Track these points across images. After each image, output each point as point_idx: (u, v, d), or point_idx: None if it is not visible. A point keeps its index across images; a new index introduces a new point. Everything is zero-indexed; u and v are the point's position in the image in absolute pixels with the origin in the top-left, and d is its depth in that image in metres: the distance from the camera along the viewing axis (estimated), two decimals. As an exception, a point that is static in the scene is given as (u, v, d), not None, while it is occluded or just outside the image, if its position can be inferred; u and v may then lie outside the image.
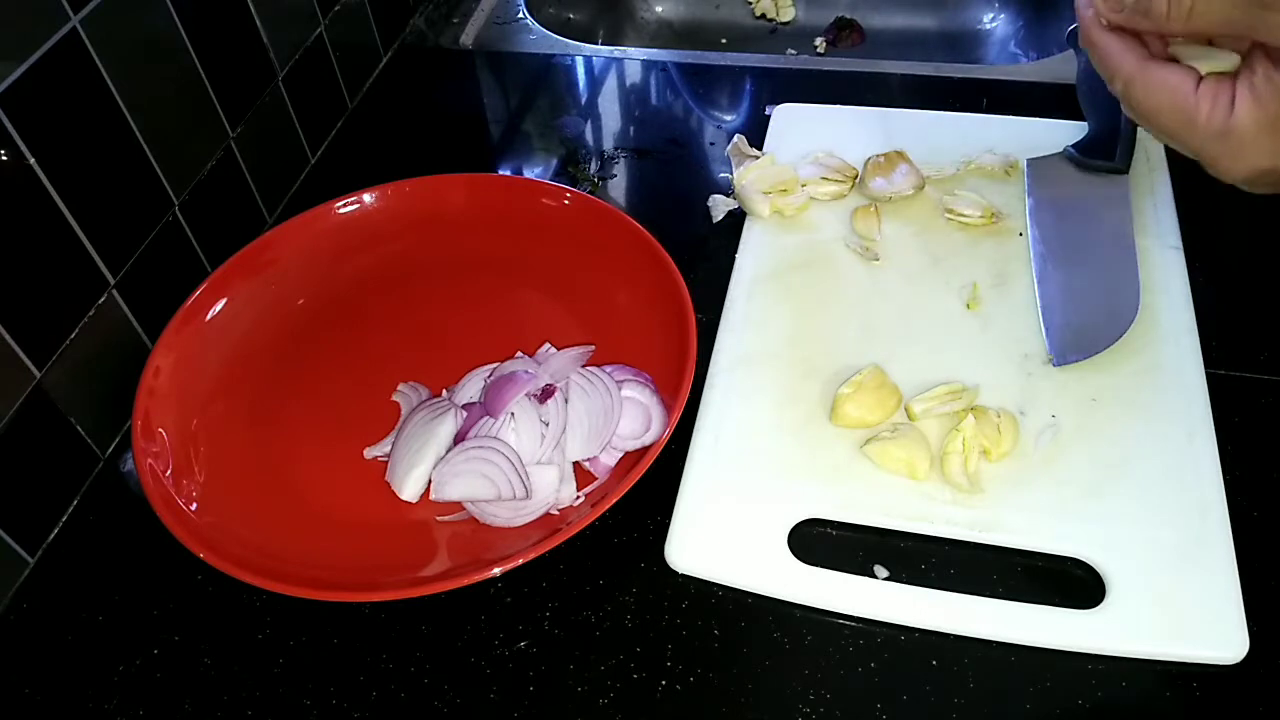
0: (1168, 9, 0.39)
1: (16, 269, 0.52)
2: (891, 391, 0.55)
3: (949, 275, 0.63)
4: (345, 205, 0.68)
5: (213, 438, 0.57)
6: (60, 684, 0.50)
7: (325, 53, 0.78)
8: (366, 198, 0.68)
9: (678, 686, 0.47)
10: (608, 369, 0.56)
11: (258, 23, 0.69)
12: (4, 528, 0.53)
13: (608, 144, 0.78)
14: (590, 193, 0.69)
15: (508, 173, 0.77)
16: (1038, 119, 0.74)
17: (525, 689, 0.48)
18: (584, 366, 0.57)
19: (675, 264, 0.60)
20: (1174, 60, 0.42)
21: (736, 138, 0.71)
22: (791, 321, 0.61)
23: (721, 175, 0.74)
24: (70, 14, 0.53)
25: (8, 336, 0.51)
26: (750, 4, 1.06)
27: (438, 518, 0.54)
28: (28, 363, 0.53)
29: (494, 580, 0.51)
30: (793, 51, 1.03)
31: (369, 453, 0.57)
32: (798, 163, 0.70)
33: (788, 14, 1.05)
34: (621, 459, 0.54)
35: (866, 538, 0.52)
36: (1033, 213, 0.66)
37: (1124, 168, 0.66)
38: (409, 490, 0.53)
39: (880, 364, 0.57)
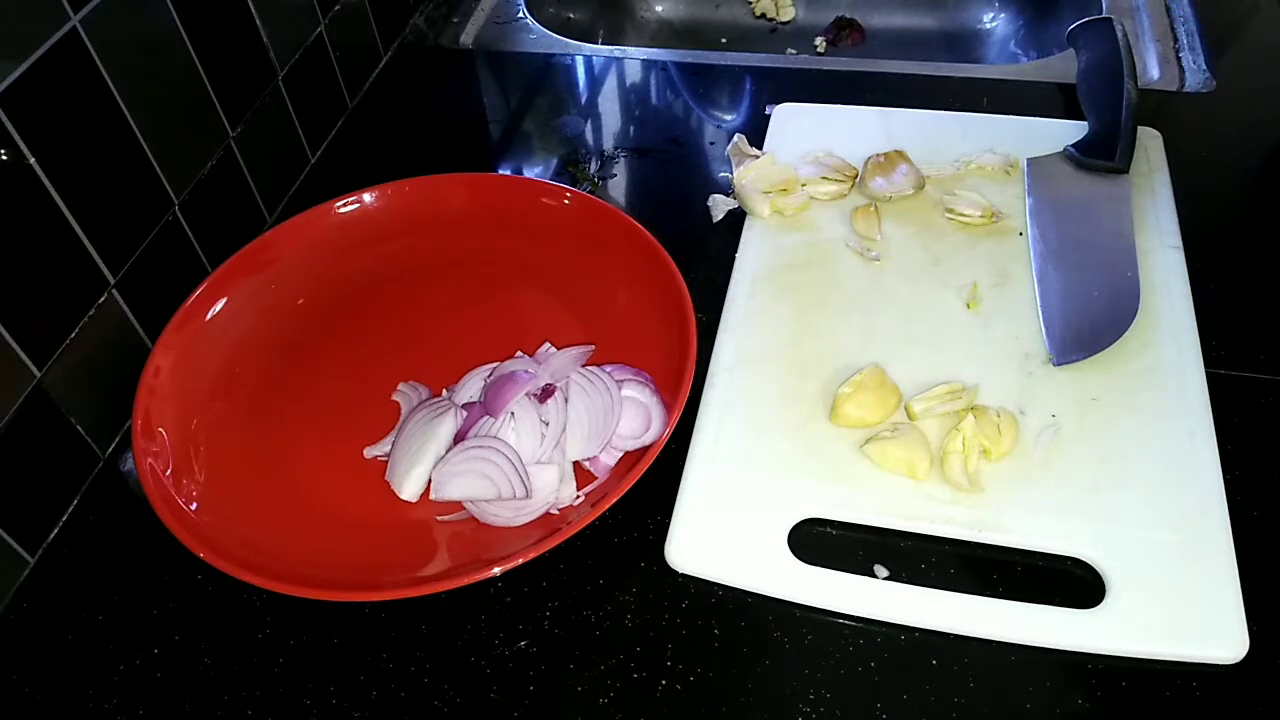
0: None
1: (16, 269, 0.52)
2: (891, 391, 0.55)
3: (949, 275, 0.63)
4: (345, 205, 0.68)
5: (213, 437, 0.57)
6: (60, 684, 0.50)
7: (325, 52, 0.78)
8: (366, 198, 0.68)
9: (678, 686, 0.47)
10: (608, 368, 0.56)
11: (258, 22, 0.69)
12: (4, 527, 0.53)
13: (608, 144, 0.78)
14: (590, 192, 0.69)
15: (508, 173, 0.77)
16: (1038, 119, 0.74)
17: (525, 689, 0.48)
18: (584, 366, 0.57)
19: (675, 264, 0.60)
20: None
21: (736, 137, 0.71)
22: (791, 321, 0.61)
23: (721, 175, 0.74)
24: (70, 14, 0.53)
25: (8, 336, 0.51)
26: (750, 3, 1.06)
27: (438, 517, 0.54)
28: (28, 363, 0.53)
29: (494, 580, 0.51)
30: (793, 51, 1.03)
31: (369, 452, 0.57)
32: (798, 162, 0.70)
33: (788, 13, 1.05)
34: (621, 459, 0.54)
35: (866, 538, 0.52)
36: (1033, 212, 0.66)
37: (1124, 167, 0.66)
38: (409, 490, 0.53)
39: (880, 364, 0.57)
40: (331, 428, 0.58)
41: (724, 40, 1.06)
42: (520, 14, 0.93)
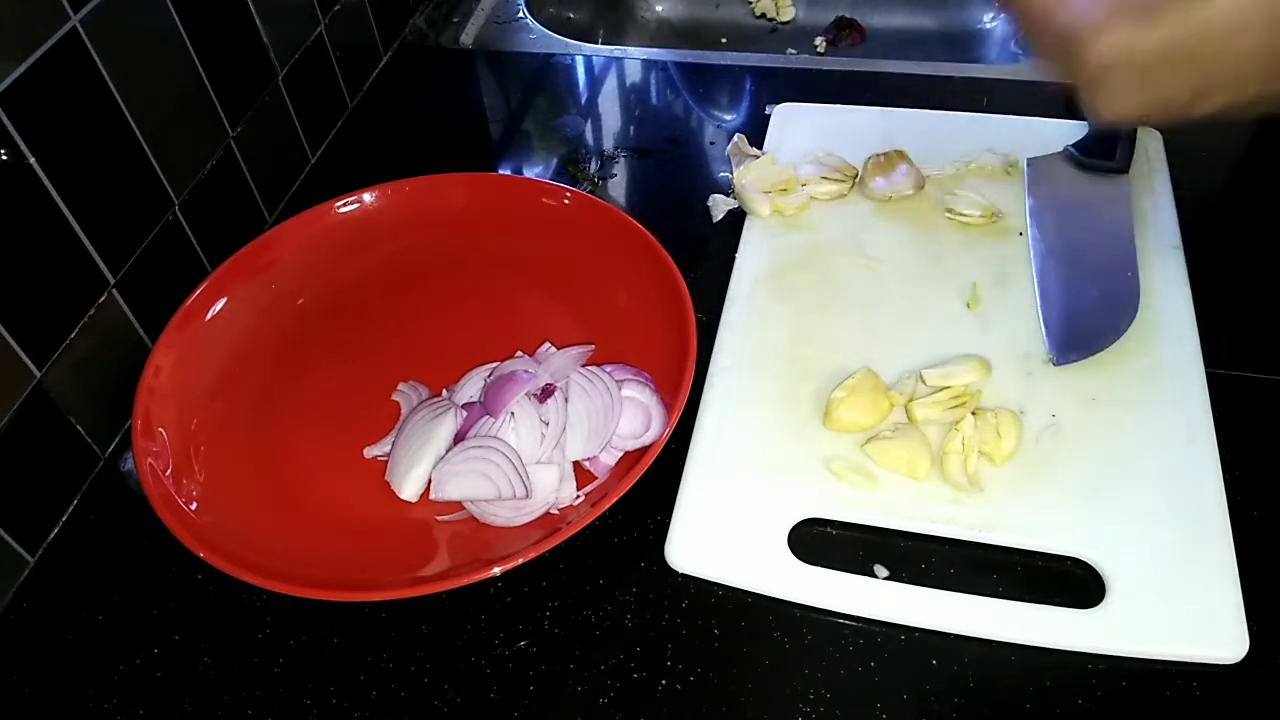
0: None
1: (16, 269, 0.52)
2: (884, 394, 0.55)
3: (949, 275, 0.63)
4: (345, 205, 0.68)
5: (213, 437, 0.57)
6: (60, 684, 0.50)
7: (325, 52, 0.78)
8: (366, 198, 0.68)
9: (678, 686, 0.47)
10: (608, 368, 0.56)
11: (257, 22, 0.69)
12: (4, 527, 0.53)
13: (608, 143, 0.78)
14: (590, 192, 0.69)
15: (508, 172, 0.77)
16: (1038, 119, 0.74)
17: (525, 689, 0.48)
18: (584, 366, 0.57)
19: (675, 264, 0.60)
20: None
21: (736, 137, 0.71)
22: (791, 321, 0.61)
23: (721, 175, 0.74)
24: (70, 14, 0.53)
25: (8, 336, 0.51)
26: (750, 3, 1.06)
27: (438, 517, 0.54)
28: (28, 362, 0.53)
29: (494, 580, 0.51)
30: (793, 51, 1.03)
31: (369, 452, 0.57)
32: (798, 162, 0.70)
33: (788, 13, 1.05)
34: (621, 458, 0.54)
35: (866, 538, 0.52)
36: (1033, 212, 0.66)
37: (1124, 167, 0.66)
38: (409, 490, 0.53)
39: (880, 364, 0.57)
40: (331, 427, 0.58)
41: (724, 40, 1.06)
42: (520, 14, 0.93)
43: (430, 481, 0.53)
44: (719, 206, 0.70)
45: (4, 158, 0.50)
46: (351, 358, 0.63)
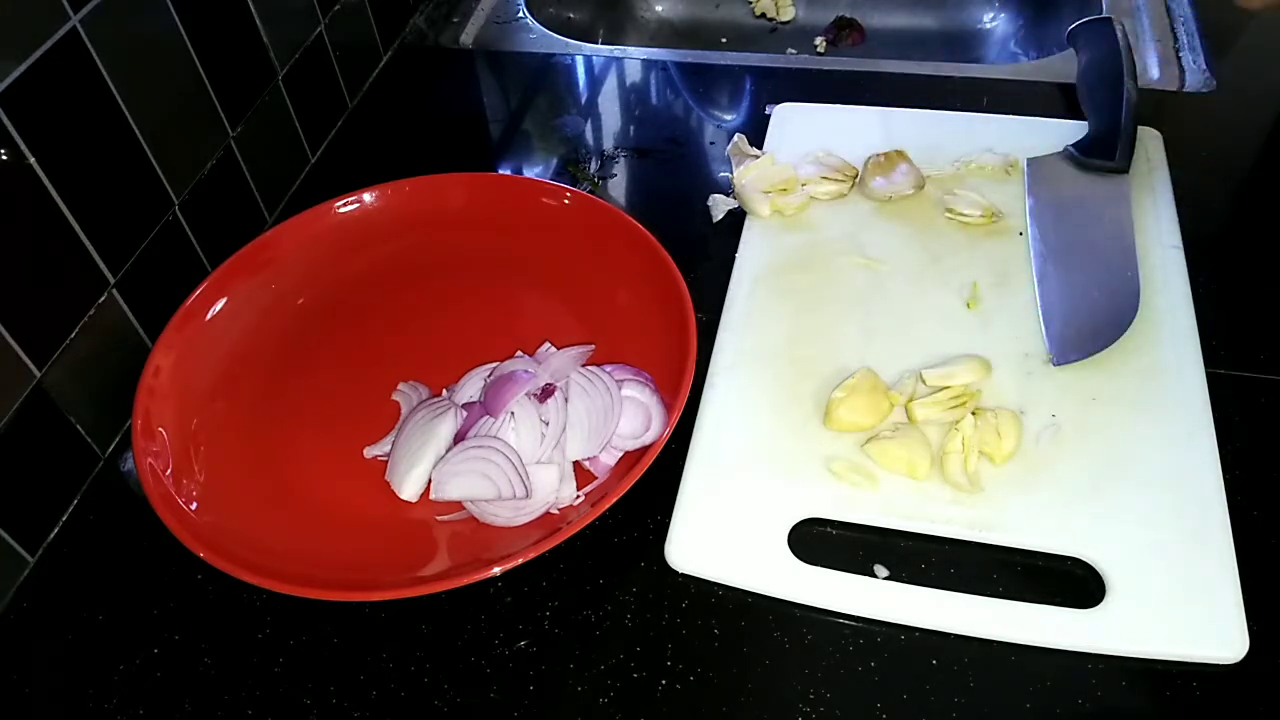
0: None
1: (16, 269, 0.52)
2: (884, 394, 0.55)
3: (949, 275, 0.63)
4: (345, 205, 0.68)
5: (213, 437, 0.57)
6: (60, 684, 0.50)
7: (325, 52, 0.78)
8: (366, 197, 0.68)
9: (678, 686, 0.47)
10: (608, 368, 0.56)
11: (257, 22, 0.69)
12: (4, 527, 0.53)
13: (608, 143, 0.78)
14: (590, 192, 0.69)
15: (508, 172, 0.77)
16: (1038, 119, 0.74)
17: (525, 689, 0.48)
18: (584, 366, 0.57)
19: (675, 264, 0.60)
20: None
21: (736, 137, 0.71)
22: (791, 321, 0.61)
23: (721, 175, 0.74)
24: (70, 14, 0.53)
25: (8, 336, 0.51)
26: (750, 3, 1.06)
27: (438, 517, 0.54)
28: (28, 362, 0.53)
29: (494, 580, 0.51)
30: (793, 51, 1.03)
31: (369, 452, 0.57)
32: (798, 162, 0.70)
33: (788, 13, 1.05)
34: (621, 458, 0.54)
35: (866, 537, 0.52)
36: (1033, 212, 0.66)
37: (1124, 167, 0.66)
38: (409, 489, 0.53)
39: (880, 364, 0.57)
40: (331, 427, 0.58)
41: (724, 40, 1.06)
42: (520, 14, 0.93)
43: (430, 481, 0.53)
44: (719, 206, 0.70)
45: (4, 158, 0.50)
46: (351, 358, 0.63)
